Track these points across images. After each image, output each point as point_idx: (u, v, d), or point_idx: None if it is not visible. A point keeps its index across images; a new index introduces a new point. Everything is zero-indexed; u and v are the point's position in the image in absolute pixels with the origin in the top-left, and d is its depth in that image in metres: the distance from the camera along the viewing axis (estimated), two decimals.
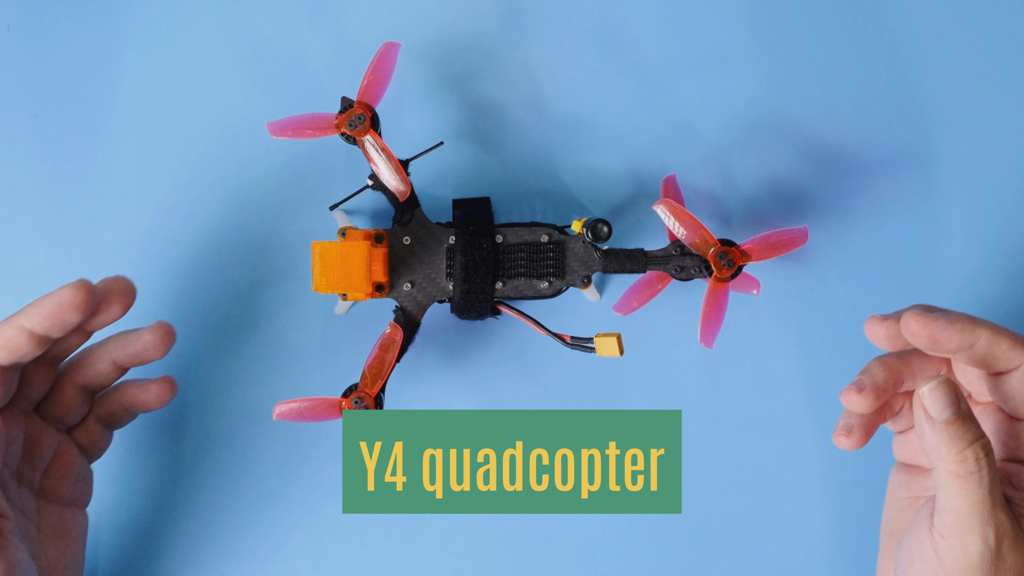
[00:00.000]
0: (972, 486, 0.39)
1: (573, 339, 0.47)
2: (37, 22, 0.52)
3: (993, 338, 0.41)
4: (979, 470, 0.39)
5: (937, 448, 0.40)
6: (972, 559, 0.39)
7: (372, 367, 0.47)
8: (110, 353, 0.45)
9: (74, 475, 0.46)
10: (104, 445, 0.47)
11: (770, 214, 0.51)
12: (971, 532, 0.39)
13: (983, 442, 0.39)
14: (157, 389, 0.46)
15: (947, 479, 0.40)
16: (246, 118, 0.52)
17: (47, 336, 0.42)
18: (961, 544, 0.39)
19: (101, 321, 0.44)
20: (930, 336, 0.41)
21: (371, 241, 0.47)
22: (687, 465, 0.51)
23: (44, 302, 0.41)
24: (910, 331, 0.41)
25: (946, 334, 0.40)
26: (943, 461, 0.40)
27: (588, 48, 0.52)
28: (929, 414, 0.40)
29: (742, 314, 0.51)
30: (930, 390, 0.40)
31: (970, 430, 0.39)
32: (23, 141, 0.52)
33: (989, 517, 0.39)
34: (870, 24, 0.52)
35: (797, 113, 0.52)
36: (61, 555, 0.45)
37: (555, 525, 0.51)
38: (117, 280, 0.44)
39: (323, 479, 0.51)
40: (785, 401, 0.51)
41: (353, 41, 0.52)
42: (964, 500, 0.39)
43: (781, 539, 0.51)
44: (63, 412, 0.46)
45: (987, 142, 0.52)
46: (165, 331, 0.45)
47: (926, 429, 0.40)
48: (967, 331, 0.40)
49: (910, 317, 0.41)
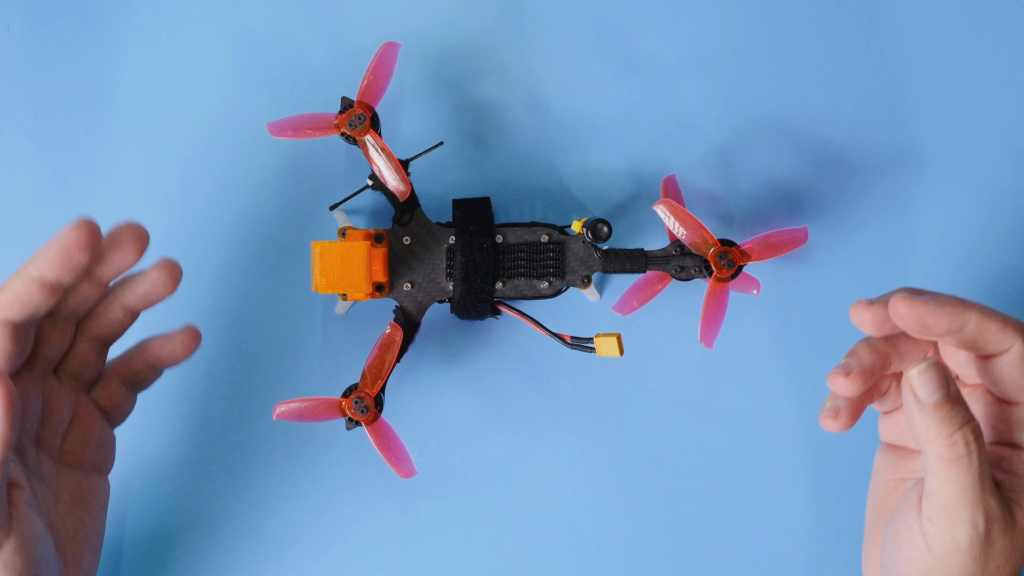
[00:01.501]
0: (962, 470, 0.38)
1: (573, 339, 0.47)
2: (37, 22, 0.52)
3: (982, 320, 0.40)
4: (969, 454, 0.38)
5: (926, 432, 0.39)
6: (961, 544, 0.39)
7: (372, 367, 0.47)
8: (119, 298, 0.43)
9: (96, 439, 0.44)
10: (127, 409, 0.46)
11: (770, 214, 0.51)
12: (960, 517, 0.39)
13: (973, 425, 0.39)
14: (181, 338, 0.45)
15: (936, 463, 0.39)
16: (246, 118, 0.52)
17: (58, 283, 0.40)
18: (950, 529, 0.39)
19: (114, 268, 0.42)
20: (919, 320, 0.40)
21: (371, 241, 0.47)
22: (687, 464, 0.51)
23: (49, 247, 0.40)
24: (898, 315, 0.40)
25: (935, 317, 0.40)
26: (932, 445, 0.39)
27: (588, 48, 0.52)
28: (918, 397, 0.39)
29: (742, 314, 0.51)
30: (919, 373, 0.39)
31: (960, 413, 0.39)
32: (23, 141, 0.52)
33: (979, 502, 0.39)
34: (870, 24, 0.52)
35: (797, 113, 0.52)
36: (80, 524, 0.43)
37: (550, 521, 0.51)
38: (128, 225, 0.42)
39: (323, 479, 0.51)
40: (785, 401, 0.51)
41: (353, 41, 0.52)
42: (953, 484, 0.39)
43: (780, 539, 0.51)
44: (79, 368, 0.44)
45: (987, 142, 0.52)
46: (171, 267, 0.43)
47: (915, 412, 0.39)
48: (956, 314, 0.40)
49: (898, 301, 0.40)
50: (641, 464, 0.51)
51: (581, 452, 0.51)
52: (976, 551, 0.39)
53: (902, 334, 0.43)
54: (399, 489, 0.51)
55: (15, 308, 0.40)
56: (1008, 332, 0.40)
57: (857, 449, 0.50)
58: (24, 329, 0.40)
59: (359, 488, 0.51)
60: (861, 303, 0.42)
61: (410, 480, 0.48)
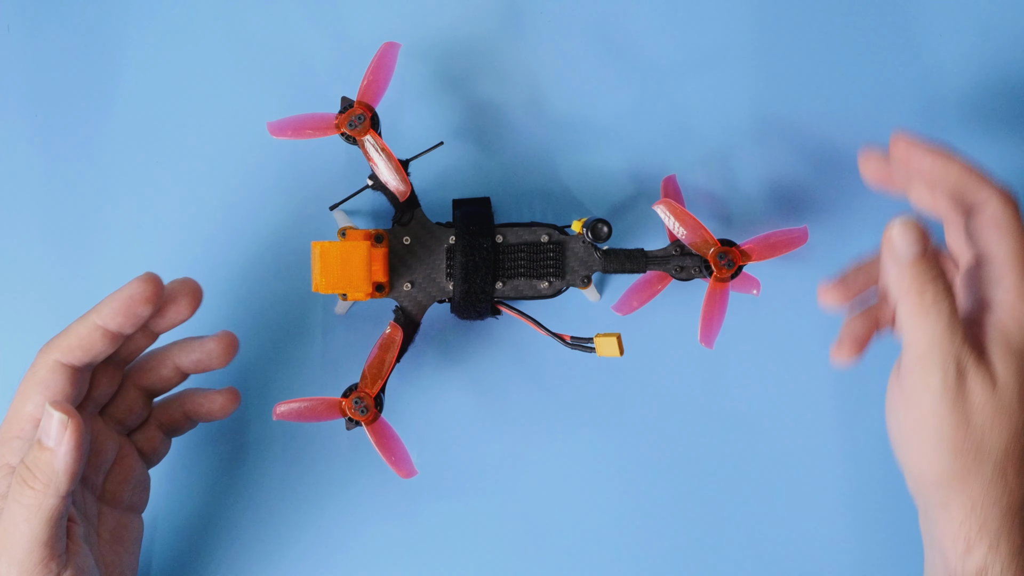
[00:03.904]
0: (931, 320, 0.40)
1: (573, 339, 0.47)
2: (37, 22, 0.52)
3: (966, 169, 0.42)
4: (936, 304, 0.40)
5: (899, 284, 0.41)
6: (935, 392, 0.40)
7: (372, 367, 0.47)
8: (174, 358, 0.46)
9: (134, 480, 0.46)
10: (163, 451, 0.48)
11: (770, 214, 0.51)
12: (932, 364, 0.40)
13: (943, 281, 0.40)
14: (222, 401, 0.47)
15: (907, 316, 0.40)
16: (246, 118, 0.52)
17: (120, 332, 0.42)
18: (924, 377, 0.40)
19: (168, 321, 0.44)
20: (907, 155, 0.43)
21: (371, 241, 0.47)
22: (688, 464, 0.51)
23: (114, 298, 0.42)
24: (895, 149, 0.43)
25: (921, 155, 0.42)
26: (904, 297, 0.41)
27: (588, 48, 0.52)
28: (894, 251, 0.41)
29: (742, 314, 0.51)
30: (899, 228, 0.41)
31: (931, 268, 0.40)
32: (23, 141, 0.52)
33: (948, 350, 0.40)
34: (870, 24, 0.52)
35: (797, 113, 0.52)
36: (118, 560, 0.45)
37: (550, 521, 0.51)
38: (185, 281, 0.44)
39: (323, 479, 0.51)
40: (785, 400, 0.51)
41: (353, 41, 0.52)
42: (923, 334, 0.40)
43: (781, 537, 0.51)
44: (125, 415, 0.46)
45: (986, 142, 0.52)
46: (229, 341, 0.46)
47: (890, 266, 0.41)
48: (942, 158, 0.42)
49: (898, 138, 0.43)
50: (641, 464, 0.51)
51: (581, 452, 0.51)
52: (951, 399, 0.40)
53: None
54: (399, 489, 0.51)
55: (77, 353, 0.42)
56: (987, 186, 0.42)
57: (857, 449, 0.50)
58: (83, 373, 0.43)
59: (359, 488, 0.51)
60: (868, 149, 0.45)
61: (410, 480, 0.48)
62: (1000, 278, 0.42)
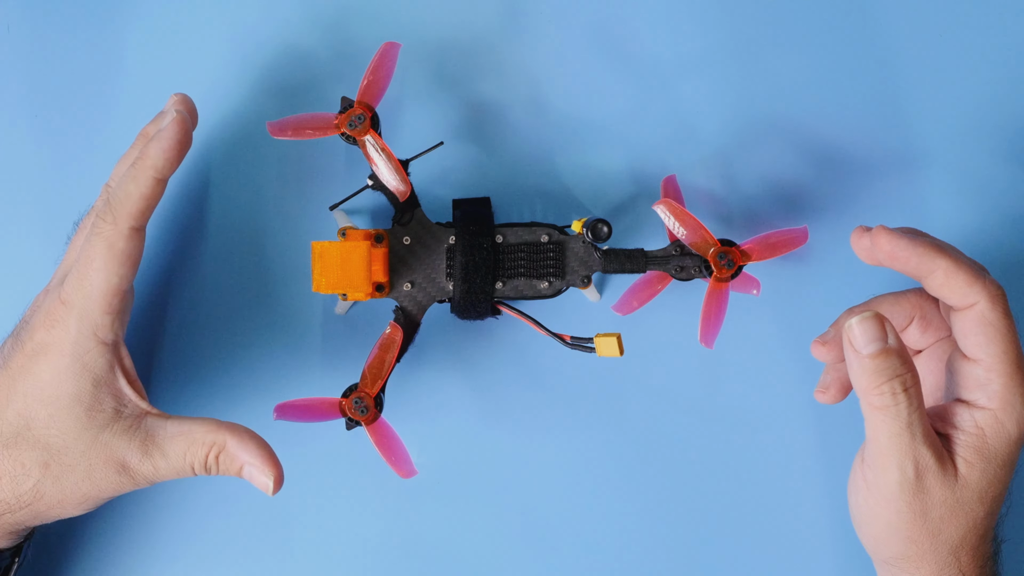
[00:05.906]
0: (889, 419, 0.40)
1: (573, 339, 0.47)
2: (38, 22, 0.52)
3: (951, 271, 0.41)
4: (896, 404, 0.40)
5: (860, 380, 0.41)
6: (892, 488, 0.41)
7: (372, 367, 0.47)
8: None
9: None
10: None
11: (770, 214, 0.51)
12: (890, 462, 0.40)
13: (905, 377, 0.40)
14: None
15: (868, 411, 0.41)
16: (246, 118, 0.52)
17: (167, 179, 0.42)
18: (882, 473, 0.41)
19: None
20: (891, 252, 0.42)
21: (371, 241, 0.47)
22: (688, 464, 0.51)
23: (162, 145, 0.42)
24: (878, 243, 0.42)
25: (906, 254, 0.41)
26: (864, 393, 0.41)
27: (588, 48, 0.52)
28: (854, 346, 0.40)
29: (742, 314, 0.51)
30: (858, 322, 0.40)
31: (892, 365, 0.40)
32: (23, 141, 0.52)
33: (907, 449, 0.40)
34: (870, 25, 0.52)
35: (797, 113, 0.52)
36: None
37: (549, 520, 0.51)
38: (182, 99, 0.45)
39: (323, 479, 0.51)
40: (785, 400, 0.51)
41: (353, 41, 0.52)
42: (882, 431, 0.40)
43: (780, 537, 0.51)
44: None
45: (986, 142, 0.52)
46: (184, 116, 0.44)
47: (852, 361, 0.41)
48: (927, 258, 0.41)
49: (881, 231, 0.42)
50: (640, 464, 0.51)
51: (581, 452, 0.51)
52: (909, 496, 0.40)
53: (885, 303, 0.45)
54: (399, 489, 0.51)
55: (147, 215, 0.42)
56: (975, 287, 0.41)
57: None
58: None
59: (359, 488, 0.51)
60: (860, 228, 0.44)
61: (410, 480, 0.48)
62: (986, 383, 0.41)
